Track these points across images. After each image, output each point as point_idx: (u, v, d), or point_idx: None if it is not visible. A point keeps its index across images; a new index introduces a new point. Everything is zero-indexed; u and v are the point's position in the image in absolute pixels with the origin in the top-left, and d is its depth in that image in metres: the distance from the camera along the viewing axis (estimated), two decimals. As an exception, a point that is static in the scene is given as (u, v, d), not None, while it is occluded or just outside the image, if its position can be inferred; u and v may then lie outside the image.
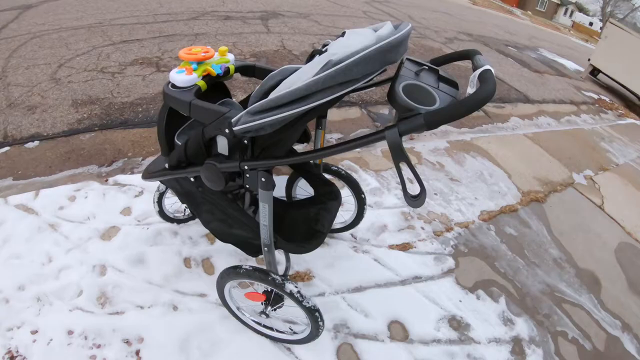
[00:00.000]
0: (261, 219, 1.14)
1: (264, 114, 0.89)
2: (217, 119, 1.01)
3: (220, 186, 1.13)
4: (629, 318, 2.26)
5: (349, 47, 0.85)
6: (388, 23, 1.02)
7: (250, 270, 1.24)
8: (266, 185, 1.07)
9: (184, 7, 4.89)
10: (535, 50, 10.57)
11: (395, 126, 0.77)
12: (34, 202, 1.88)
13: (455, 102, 0.71)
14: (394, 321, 1.64)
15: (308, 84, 0.82)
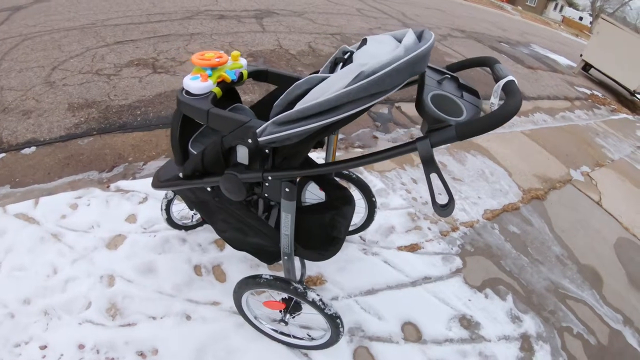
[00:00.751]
0: (282, 228, 1.15)
1: (291, 125, 0.90)
2: (238, 128, 1.01)
3: (241, 197, 1.13)
4: (630, 312, 2.36)
5: (377, 57, 0.87)
6: (410, 31, 1.03)
7: (271, 279, 1.25)
8: (290, 195, 1.08)
9: (177, 6, 4.89)
10: (527, 46, 10.78)
11: (426, 137, 0.78)
12: (35, 211, 1.86)
13: (486, 115, 0.74)
14: (407, 322, 1.70)
15: (339, 95, 0.82)
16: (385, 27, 6.75)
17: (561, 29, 25.43)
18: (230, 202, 1.25)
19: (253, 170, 1.09)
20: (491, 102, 0.82)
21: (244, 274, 1.68)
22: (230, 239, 1.37)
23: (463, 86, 0.98)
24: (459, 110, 0.84)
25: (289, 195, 1.08)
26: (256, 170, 1.08)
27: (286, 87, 1.34)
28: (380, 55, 0.88)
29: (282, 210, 1.11)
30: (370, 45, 1.06)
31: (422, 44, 0.87)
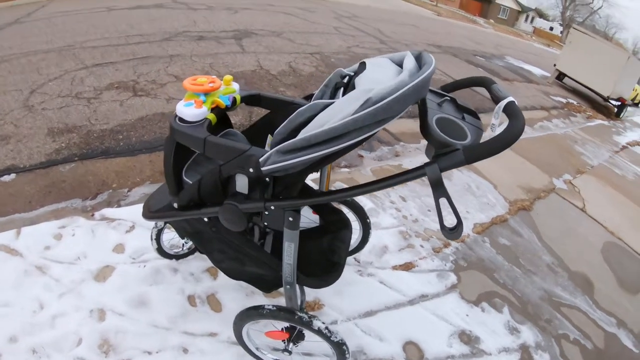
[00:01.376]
0: (285, 257, 1.15)
1: (296, 154, 0.89)
2: (237, 156, 1.00)
3: (242, 227, 1.12)
4: (622, 315, 2.47)
5: (381, 82, 0.89)
6: (408, 54, 1.06)
7: (274, 310, 1.24)
8: (294, 224, 1.08)
9: (155, 28, 4.97)
10: (502, 59, 11.32)
11: (435, 162, 0.80)
12: (17, 242, 1.82)
13: (493, 139, 0.77)
14: (408, 342, 1.74)
15: (346, 122, 0.82)
16: (363, 45, 7.00)
17: (533, 40, 26.81)
18: (228, 232, 1.24)
19: (254, 200, 1.08)
20: (492, 124, 0.88)
21: (240, 302, 1.72)
22: (227, 269, 1.37)
23: (462, 107, 1.02)
24: (463, 133, 0.87)
25: (293, 224, 1.09)
26: (257, 200, 1.08)
27: (280, 111, 1.37)
28: (384, 80, 0.90)
29: (285, 239, 1.13)
30: (371, 69, 1.07)
31: (425, 68, 0.88)
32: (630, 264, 3.09)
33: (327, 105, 0.97)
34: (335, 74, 1.23)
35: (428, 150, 0.89)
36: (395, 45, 7.85)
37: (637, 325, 2.45)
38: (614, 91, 8.30)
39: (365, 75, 1.03)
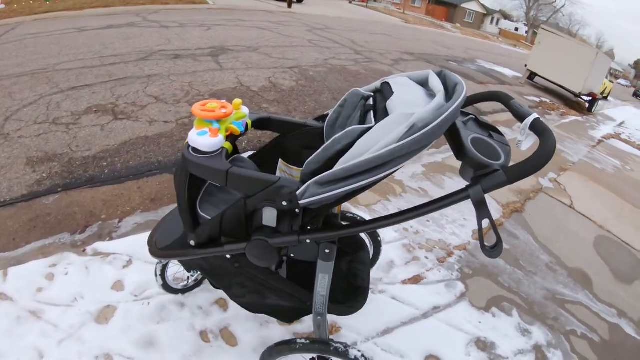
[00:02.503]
0: (318, 289, 1.15)
1: (337, 184, 0.88)
2: (265, 189, 0.97)
3: (273, 263, 1.10)
4: (621, 305, 2.62)
5: (415, 105, 0.92)
6: (431, 72, 1.10)
7: (308, 344, 1.22)
8: (329, 256, 1.08)
9: (129, 47, 4.95)
10: (473, 62, 11.85)
11: (478, 184, 0.83)
12: (5, 285, 1.74)
13: (530, 158, 0.81)
14: (429, 356, 1.79)
15: (392, 149, 0.82)
16: (339, 57, 7.18)
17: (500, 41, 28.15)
18: (253, 267, 1.20)
19: (286, 234, 1.05)
20: (518, 140, 0.90)
21: (255, 333, 1.71)
22: (248, 303, 1.33)
23: (484, 125, 1.05)
24: (496, 152, 0.90)
25: (329, 256, 1.08)
26: (289, 233, 1.05)
27: (290, 133, 1.38)
28: (419, 104, 0.94)
29: (319, 271, 1.12)
30: (399, 91, 1.06)
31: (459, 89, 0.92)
32: (621, 255, 3.28)
33: (364, 131, 0.95)
34: (352, 94, 1.25)
35: (464, 172, 0.92)
36: (370, 55, 8.09)
37: (636, 313, 2.60)
38: (585, 87, 8.86)
39: (398, 98, 1.01)
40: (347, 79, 5.94)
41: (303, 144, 1.39)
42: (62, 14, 6.31)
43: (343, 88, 5.44)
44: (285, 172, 1.45)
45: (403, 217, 0.96)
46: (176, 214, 1.44)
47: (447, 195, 0.90)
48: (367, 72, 6.67)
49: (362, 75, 6.40)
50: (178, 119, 3.46)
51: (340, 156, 0.92)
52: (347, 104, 1.28)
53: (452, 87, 0.98)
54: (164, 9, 7.71)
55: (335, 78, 5.81)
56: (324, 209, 1.03)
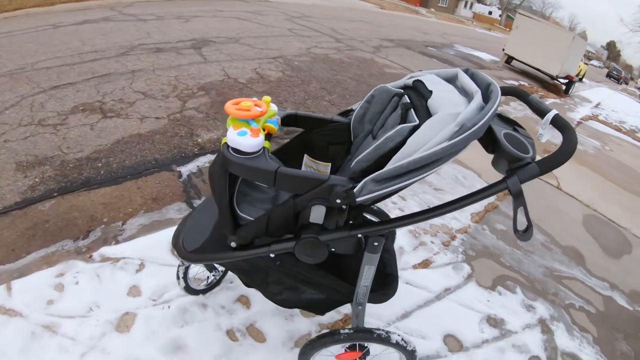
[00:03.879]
0: (363, 280, 1.20)
1: (392, 181, 0.94)
2: (315, 187, 1.01)
3: (322, 258, 1.13)
4: (613, 278, 2.84)
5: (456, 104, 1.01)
6: (459, 71, 1.19)
7: (351, 333, 1.28)
8: (377, 248, 1.13)
9: (108, 42, 4.82)
10: (451, 47, 12.10)
11: (514, 175, 0.93)
12: (11, 300, 1.65)
13: (557, 152, 0.91)
14: (447, 335, 1.91)
15: (445, 147, 0.90)
16: (321, 45, 7.21)
17: (474, 25, 28.72)
18: (295, 264, 1.23)
19: (338, 230, 1.09)
20: (540, 134, 1.01)
21: (282, 328, 1.75)
22: (284, 300, 1.36)
23: (507, 119, 1.13)
24: (525, 146, 0.99)
25: (376, 248, 1.14)
26: (341, 229, 1.09)
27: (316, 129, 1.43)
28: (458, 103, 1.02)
29: (365, 263, 1.17)
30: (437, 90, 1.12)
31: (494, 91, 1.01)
32: (608, 231, 3.53)
33: (412, 129, 1.02)
34: (380, 90, 1.32)
35: (497, 164, 1.01)
36: (351, 43, 8.15)
37: (626, 285, 2.83)
38: (562, 70, 9.24)
39: (439, 97, 1.08)
40: (332, 68, 5.98)
41: (330, 139, 1.44)
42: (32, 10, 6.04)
43: (330, 77, 5.50)
44: (311, 167, 1.50)
45: (448, 208, 1.03)
46: (198, 214, 1.46)
47: (486, 187, 1.00)
48: (351, 61, 6.73)
49: (347, 64, 6.45)
50: (169, 115, 3.43)
51: (393, 154, 0.98)
52: (375, 100, 1.34)
53: (484, 87, 1.07)
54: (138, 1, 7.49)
55: (320, 67, 5.85)
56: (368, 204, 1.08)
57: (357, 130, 1.42)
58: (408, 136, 1.00)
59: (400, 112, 1.22)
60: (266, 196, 1.32)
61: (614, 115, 10.11)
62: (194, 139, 3.19)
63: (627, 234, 3.60)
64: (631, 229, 3.69)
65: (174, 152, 2.98)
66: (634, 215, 4.08)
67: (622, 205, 4.20)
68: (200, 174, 2.82)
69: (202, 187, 2.69)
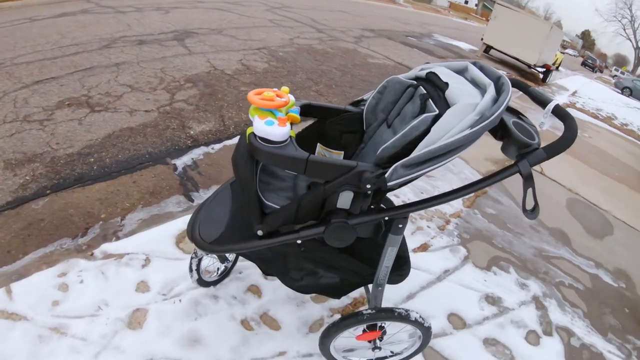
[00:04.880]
0: (385, 261, 1.26)
1: (420, 166, 1.00)
2: (344, 174, 1.05)
3: (350, 241, 1.18)
4: (597, 257, 3.03)
5: (472, 95, 1.09)
6: (469, 64, 1.27)
7: (374, 313, 1.35)
8: (401, 230, 1.19)
9: (89, 35, 4.70)
10: (431, 37, 12.28)
11: (524, 159, 1.01)
12: (13, 304, 1.59)
13: (561, 139, 0.99)
14: (451, 314, 2.01)
15: (467, 135, 0.97)
16: (303, 36, 7.21)
17: (451, 14, 29.14)
18: (320, 249, 1.27)
19: (368, 214, 1.15)
20: (541, 122, 1.11)
21: (295, 314, 1.81)
22: (304, 285, 1.40)
23: (512, 109, 1.20)
24: (531, 133, 1.06)
25: (400, 230, 1.20)
26: (369, 212, 1.15)
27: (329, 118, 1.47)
28: (474, 94, 1.10)
29: (388, 244, 1.23)
30: (453, 82, 1.19)
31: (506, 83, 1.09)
32: (590, 214, 3.74)
33: (434, 117, 1.09)
34: (393, 81, 1.38)
35: (506, 150, 1.10)
36: (333, 33, 8.18)
37: (610, 263, 3.02)
38: (540, 59, 9.56)
39: (456, 89, 1.15)
40: (317, 59, 6.01)
41: (343, 128, 1.49)
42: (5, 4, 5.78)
43: (315, 68, 5.53)
44: (324, 155, 1.55)
45: (468, 190, 1.12)
46: (210, 205, 1.47)
47: (500, 170, 1.09)
48: (334, 51, 6.77)
49: (330, 54, 6.49)
50: (159, 107, 3.40)
51: (418, 141, 1.05)
52: (388, 91, 1.40)
53: (495, 79, 1.15)
54: (114, -8, 7.31)
55: (305, 58, 5.87)
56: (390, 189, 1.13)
57: (370, 120, 1.47)
58: (431, 125, 1.06)
59: (420, 102, 1.27)
60: (286, 184, 1.36)
61: (591, 103, 10.54)
62: (186, 131, 3.19)
63: (608, 216, 3.83)
64: (612, 212, 3.93)
65: (167, 145, 2.97)
66: (614, 199, 4.34)
67: (602, 190, 4.44)
68: (196, 166, 2.82)
69: (199, 179, 2.70)
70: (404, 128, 1.23)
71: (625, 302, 2.66)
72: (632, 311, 2.57)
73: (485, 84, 1.13)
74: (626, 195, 4.74)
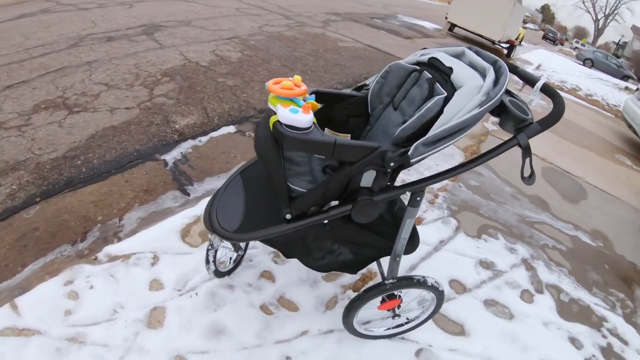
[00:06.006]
0: (403, 233, 1.35)
1: (437, 144, 1.12)
2: (368, 155, 1.14)
3: (375, 217, 1.27)
4: (575, 220, 3.28)
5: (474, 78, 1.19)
6: (465, 49, 1.37)
7: (395, 282, 1.46)
8: (419, 203, 1.29)
9: (54, 35, 4.49)
10: (395, 18, 12.41)
11: (522, 132, 1.13)
12: (22, 320, 1.55)
13: (551, 113, 1.12)
14: (451, 280, 2.16)
15: (476, 114, 1.09)
16: (272, 23, 7.15)
17: (411, -6, 29.35)
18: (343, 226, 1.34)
19: (391, 190, 1.24)
20: (531, 99, 1.23)
21: (310, 294, 1.89)
22: (324, 264, 1.47)
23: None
24: (525, 110, 1.18)
25: (418, 202, 1.30)
26: (393, 189, 1.25)
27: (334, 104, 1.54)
28: (476, 77, 1.20)
29: (406, 217, 1.32)
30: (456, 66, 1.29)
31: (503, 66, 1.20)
32: (564, 181, 4.01)
33: (443, 99, 1.20)
34: (395, 66, 1.46)
35: (505, 124, 1.22)
36: (300, 19, 8.14)
37: (586, 225, 3.28)
38: (504, 35, 9.89)
39: (460, 73, 1.26)
40: (288, 45, 6.01)
41: (349, 112, 1.57)
42: None
43: (288, 54, 5.53)
44: None
45: (476, 163, 1.23)
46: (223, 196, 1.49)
47: (503, 143, 1.20)
48: (304, 37, 6.77)
49: (300, 40, 6.49)
50: (139, 104, 3.35)
51: (433, 121, 1.16)
52: (391, 75, 1.49)
53: (491, 63, 1.26)
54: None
55: (277, 45, 5.85)
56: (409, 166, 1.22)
57: (375, 103, 1.56)
58: (443, 106, 1.18)
59: (428, 86, 1.36)
60: (303, 169, 1.41)
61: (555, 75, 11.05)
62: (171, 125, 3.16)
63: (581, 182, 4.12)
64: (584, 178, 4.23)
65: (154, 140, 2.95)
66: (584, 166, 4.66)
67: (573, 158, 4.75)
68: (186, 160, 2.82)
69: (191, 173, 2.71)
70: (414, 110, 1.35)
71: (604, 259, 2.91)
72: (611, 267, 2.83)
73: (484, 67, 1.24)
74: (596, 162, 5.09)
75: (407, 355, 1.72)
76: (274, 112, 1.18)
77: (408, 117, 1.37)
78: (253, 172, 1.60)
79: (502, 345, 1.90)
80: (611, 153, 5.78)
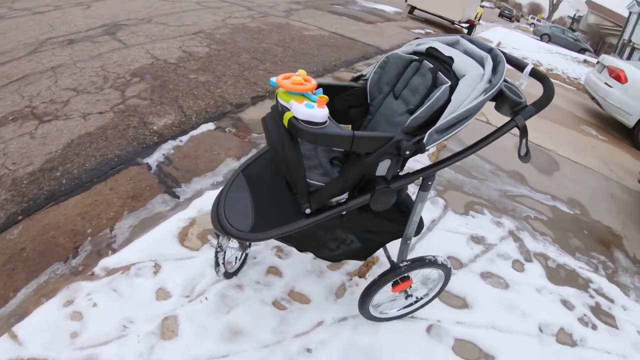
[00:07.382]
0: (415, 216, 1.43)
1: (447, 131, 1.18)
2: (385, 144, 1.18)
3: (391, 203, 1.31)
4: (552, 191, 3.49)
5: (474, 67, 1.26)
6: (459, 38, 1.43)
7: (409, 264, 1.53)
8: (430, 187, 1.37)
9: (11, 42, 4.23)
10: (355, 3, 12.44)
11: (519, 114, 1.20)
12: (25, 349, 1.47)
13: (543, 96, 1.18)
14: (448, 257, 2.27)
15: (481, 101, 1.17)
16: (234, 15, 7.03)
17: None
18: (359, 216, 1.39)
19: (407, 177, 1.31)
20: (520, 82, 1.28)
21: (319, 284, 1.93)
22: (338, 254, 1.52)
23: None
24: (519, 93, 1.24)
25: (429, 187, 1.38)
26: (408, 176, 1.32)
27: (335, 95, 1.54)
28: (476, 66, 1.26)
29: (418, 200, 1.40)
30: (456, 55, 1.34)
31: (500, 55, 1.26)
32: (538, 155, 4.23)
33: (450, 90, 1.24)
34: (394, 57, 1.51)
35: (501, 108, 1.29)
36: (262, 9, 8.04)
37: (562, 194, 3.50)
38: (464, 15, 10.16)
39: (460, 62, 1.31)
40: (254, 37, 5.94)
41: (350, 103, 1.60)
42: None
43: (255, 46, 5.47)
44: None
45: (481, 145, 1.30)
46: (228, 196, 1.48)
47: (503, 126, 1.27)
48: (269, 27, 6.70)
49: (266, 31, 6.43)
50: (112, 107, 3.24)
51: (442, 109, 1.20)
52: (389, 65, 1.53)
53: (487, 51, 1.34)
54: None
55: (242, 37, 5.77)
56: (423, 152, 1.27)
57: (374, 93, 1.60)
58: (450, 94, 1.23)
59: (431, 75, 1.39)
60: (312, 162, 1.43)
61: (516, 52, 11.44)
62: (149, 127, 3.09)
63: (553, 154, 4.37)
64: (555, 150, 4.48)
65: (133, 144, 2.87)
66: (554, 139, 4.92)
67: (542, 131, 5.01)
68: (169, 162, 2.78)
69: (177, 174, 2.67)
70: (419, 98, 1.40)
71: (582, 225, 3.13)
72: (590, 232, 3.06)
73: (482, 56, 1.31)
74: (564, 134, 5.40)
75: (419, 332, 1.81)
76: (283, 107, 1.20)
77: (413, 106, 1.43)
78: (255, 169, 1.59)
79: (503, 313, 2.03)
80: (577, 125, 6.13)
